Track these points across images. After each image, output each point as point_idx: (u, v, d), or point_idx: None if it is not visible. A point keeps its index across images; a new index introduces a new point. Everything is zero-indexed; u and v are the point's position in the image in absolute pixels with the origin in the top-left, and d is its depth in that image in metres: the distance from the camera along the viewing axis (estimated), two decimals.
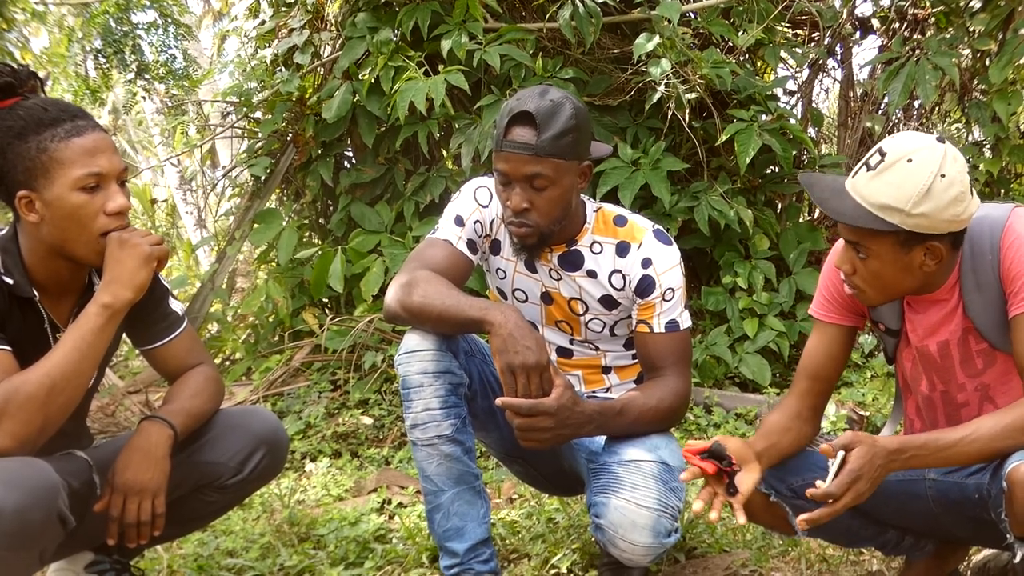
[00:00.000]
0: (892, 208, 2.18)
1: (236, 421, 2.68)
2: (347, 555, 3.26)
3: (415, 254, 2.79)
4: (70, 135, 2.24)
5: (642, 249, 2.74)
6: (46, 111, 2.26)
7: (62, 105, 2.31)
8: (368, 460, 4.77)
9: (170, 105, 9.61)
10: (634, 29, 6.01)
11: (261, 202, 6.47)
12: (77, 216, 2.27)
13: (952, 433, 2.20)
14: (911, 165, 2.18)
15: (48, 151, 2.23)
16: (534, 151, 2.57)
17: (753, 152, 5.50)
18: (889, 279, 2.29)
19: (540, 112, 2.57)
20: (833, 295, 2.56)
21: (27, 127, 2.24)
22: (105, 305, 2.29)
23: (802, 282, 5.82)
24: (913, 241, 2.23)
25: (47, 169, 2.23)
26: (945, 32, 6.03)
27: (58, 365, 2.22)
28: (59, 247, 2.32)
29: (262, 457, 2.66)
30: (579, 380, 2.93)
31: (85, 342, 2.26)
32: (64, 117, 2.26)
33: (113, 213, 2.30)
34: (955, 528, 2.52)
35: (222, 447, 2.61)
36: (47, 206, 2.26)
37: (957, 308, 2.37)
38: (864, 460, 2.13)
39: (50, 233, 2.30)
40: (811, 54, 6.57)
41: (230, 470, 2.63)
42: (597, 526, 2.62)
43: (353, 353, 5.53)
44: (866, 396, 5.14)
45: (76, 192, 2.25)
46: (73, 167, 2.24)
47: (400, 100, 5.40)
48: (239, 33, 7.47)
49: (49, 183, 2.24)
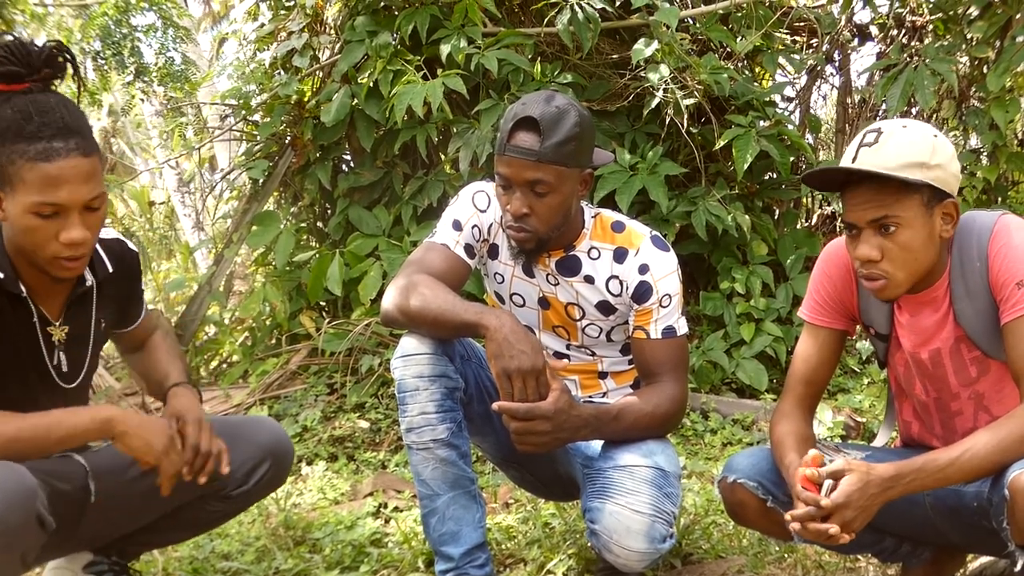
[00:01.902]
0: (913, 163, 2.21)
1: (243, 431, 2.67)
2: (343, 559, 3.26)
3: (412, 258, 2.78)
4: (38, 158, 2.13)
5: (639, 255, 2.74)
6: (28, 121, 2.14)
7: (48, 118, 2.16)
8: (364, 464, 4.77)
9: (169, 107, 9.60)
10: (633, 34, 6.02)
11: (259, 205, 6.47)
12: (31, 236, 2.20)
13: (948, 452, 2.19)
14: (908, 129, 2.26)
15: (15, 164, 2.13)
16: (537, 157, 2.57)
17: (751, 158, 5.51)
18: (919, 250, 2.27)
19: (545, 118, 2.57)
20: (824, 298, 2.57)
21: (6, 131, 2.14)
22: (105, 420, 2.27)
23: (799, 287, 5.81)
24: (934, 201, 2.25)
25: (11, 180, 2.15)
26: (943, 39, 6.04)
27: (30, 430, 2.20)
28: (20, 249, 2.27)
29: (268, 468, 2.67)
30: (575, 385, 2.93)
31: (63, 429, 2.24)
32: (42, 135, 2.14)
33: (66, 244, 2.21)
34: (953, 535, 2.52)
35: (229, 458, 2.59)
36: (9, 212, 2.19)
37: (948, 316, 2.38)
38: (853, 489, 2.13)
39: (12, 236, 2.26)
40: (809, 60, 6.58)
41: (235, 481, 2.63)
42: (592, 531, 2.61)
43: (350, 356, 5.53)
44: (863, 403, 5.15)
45: (30, 215, 2.17)
46: (30, 192, 2.14)
47: (398, 104, 5.40)
48: (238, 36, 7.48)
49: (12, 194, 2.16)
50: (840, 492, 2.14)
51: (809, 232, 6.32)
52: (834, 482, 2.16)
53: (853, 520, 2.15)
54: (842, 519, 2.14)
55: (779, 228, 6.37)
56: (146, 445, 2.29)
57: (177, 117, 8.59)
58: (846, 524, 2.14)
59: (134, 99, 8.30)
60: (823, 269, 2.57)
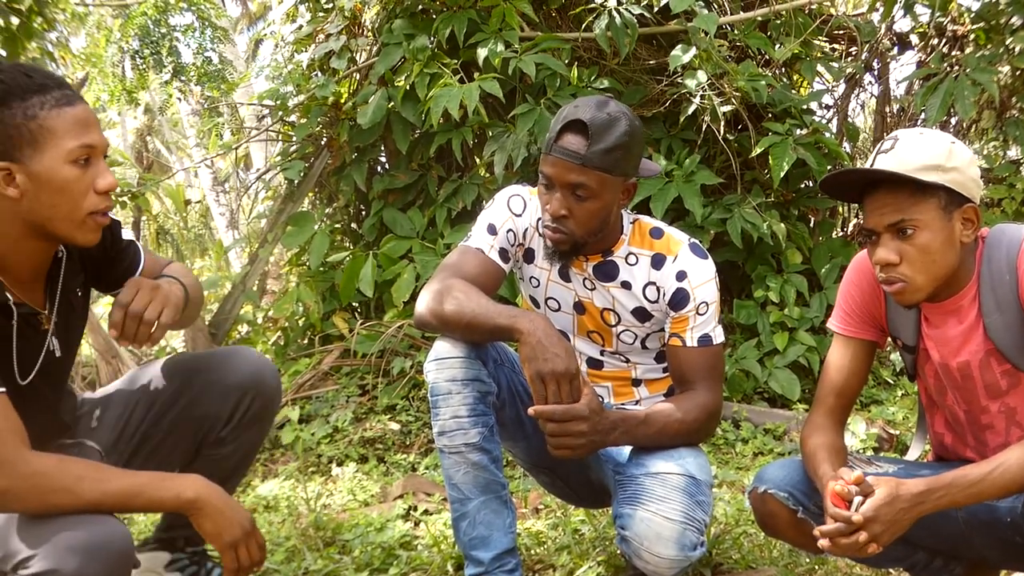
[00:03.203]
0: (930, 166, 2.20)
1: (217, 369, 2.60)
2: (372, 561, 3.27)
3: (447, 262, 2.79)
4: (60, 103, 2.07)
5: (677, 262, 2.73)
6: (30, 77, 2.07)
7: (44, 71, 2.11)
8: (395, 466, 4.78)
9: (205, 107, 9.67)
10: (670, 40, 6.00)
11: (294, 205, 6.50)
12: (67, 191, 2.11)
13: (980, 468, 2.18)
14: (925, 136, 2.25)
15: (37, 118, 2.05)
16: (582, 161, 2.57)
17: (787, 166, 5.49)
18: (938, 253, 2.25)
19: (595, 123, 2.57)
20: (853, 309, 2.55)
21: (10, 91, 2.05)
22: (189, 501, 2.15)
23: (833, 297, 5.72)
24: (952, 205, 2.23)
25: (35, 138, 2.06)
26: (984, 49, 5.99)
27: (114, 497, 2.08)
28: (40, 224, 2.15)
29: (251, 402, 2.61)
30: (608, 392, 2.93)
31: (144, 500, 2.13)
32: (51, 84, 2.08)
33: (103, 191, 2.15)
34: (985, 550, 2.49)
35: (207, 400, 2.54)
36: (32, 179, 2.08)
37: (976, 328, 2.35)
38: (881, 504, 2.13)
39: (31, 209, 2.12)
40: (848, 68, 6.55)
41: (220, 422, 2.59)
42: (622, 537, 2.60)
43: (382, 358, 5.54)
44: (896, 415, 5.11)
45: (68, 165, 2.09)
46: (66, 138, 2.07)
47: (434, 107, 5.41)
48: (276, 37, 7.52)
49: (37, 154, 2.07)
50: (869, 507, 2.13)
51: (845, 241, 6.28)
52: (863, 498, 2.15)
53: (881, 535, 2.14)
54: (871, 533, 2.13)
55: (814, 237, 6.35)
56: (216, 531, 2.18)
57: (214, 117, 8.65)
58: (875, 538, 2.13)
59: (171, 98, 8.36)
60: (851, 279, 2.56)
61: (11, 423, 2.05)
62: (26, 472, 2.01)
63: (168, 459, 2.59)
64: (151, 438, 2.56)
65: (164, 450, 2.60)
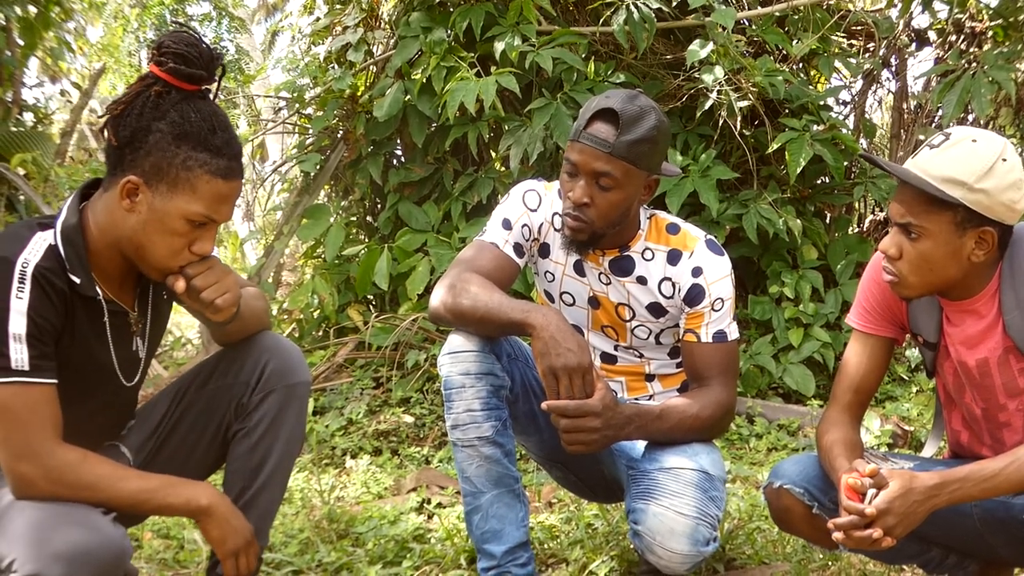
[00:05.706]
0: (956, 181, 2.17)
1: (235, 351, 2.55)
2: (385, 553, 3.27)
3: (461, 257, 2.79)
4: (218, 174, 2.14)
5: (693, 258, 2.73)
6: (213, 134, 2.13)
7: (230, 136, 2.18)
8: (408, 459, 4.78)
9: (222, 98, 9.69)
10: (688, 35, 6.00)
11: (310, 198, 6.51)
12: (169, 239, 2.16)
13: (994, 463, 2.18)
14: (976, 144, 2.20)
15: (191, 172, 2.11)
16: (610, 149, 2.57)
17: (804, 162, 5.48)
18: (936, 263, 2.26)
19: (625, 114, 2.57)
20: (873, 305, 2.54)
21: (190, 135, 2.12)
22: (200, 508, 2.23)
23: (849, 293, 5.77)
24: (969, 224, 2.21)
25: (176, 183, 2.12)
26: (1003, 46, 5.96)
27: (129, 498, 2.14)
28: (132, 246, 2.19)
29: (266, 363, 2.51)
30: (622, 387, 2.92)
31: (156, 503, 2.20)
32: (225, 152, 2.15)
33: (196, 254, 2.20)
34: (1000, 548, 2.49)
35: (229, 374, 2.51)
36: (150, 208, 2.14)
37: (996, 325, 2.34)
38: (895, 496, 2.13)
39: (134, 230, 2.17)
40: (866, 64, 6.52)
41: (246, 387, 2.50)
42: (635, 532, 2.60)
43: (396, 351, 5.55)
44: (911, 411, 5.10)
45: (184, 221, 2.14)
46: (199, 202, 2.13)
47: (451, 100, 5.42)
48: (294, 29, 7.53)
49: (169, 195, 2.13)
50: (882, 499, 2.13)
51: (860, 238, 6.26)
52: (877, 490, 2.15)
53: (895, 527, 2.13)
54: (884, 526, 2.12)
55: (830, 233, 6.33)
56: (222, 538, 2.27)
57: (230, 108, 8.66)
58: (888, 530, 2.13)
59: None
60: (872, 276, 2.55)
61: (48, 414, 2.10)
62: (50, 464, 2.07)
63: (197, 444, 2.52)
64: (180, 424, 2.50)
65: (194, 434, 2.52)
